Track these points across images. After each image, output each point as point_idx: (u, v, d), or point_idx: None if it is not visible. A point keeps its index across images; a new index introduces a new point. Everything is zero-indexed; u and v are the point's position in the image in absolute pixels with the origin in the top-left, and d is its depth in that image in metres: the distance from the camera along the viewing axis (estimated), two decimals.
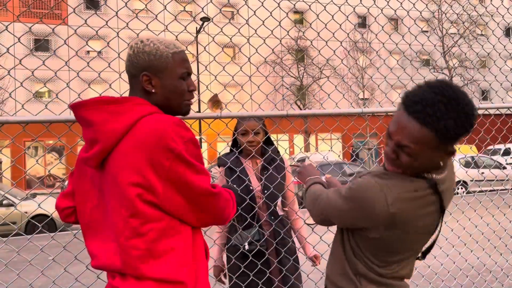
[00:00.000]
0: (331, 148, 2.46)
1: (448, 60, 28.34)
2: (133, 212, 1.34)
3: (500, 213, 9.69)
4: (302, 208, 12.22)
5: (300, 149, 2.17)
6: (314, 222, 1.61)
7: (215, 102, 2.39)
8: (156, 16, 2.50)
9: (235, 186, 1.95)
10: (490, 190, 15.14)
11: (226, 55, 29.09)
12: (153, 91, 1.50)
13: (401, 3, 3.24)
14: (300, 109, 27.56)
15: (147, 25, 2.50)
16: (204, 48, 2.74)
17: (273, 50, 2.84)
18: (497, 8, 3.28)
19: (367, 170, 1.51)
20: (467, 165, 15.43)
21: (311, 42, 2.77)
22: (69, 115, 2.31)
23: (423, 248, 1.56)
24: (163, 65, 1.49)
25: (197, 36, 9.10)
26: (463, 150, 20.45)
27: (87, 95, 27.12)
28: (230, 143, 2.94)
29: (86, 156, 1.41)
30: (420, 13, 2.90)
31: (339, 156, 2.23)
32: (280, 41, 2.72)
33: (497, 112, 27.95)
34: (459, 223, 3.90)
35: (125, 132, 1.38)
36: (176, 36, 2.28)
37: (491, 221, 8.61)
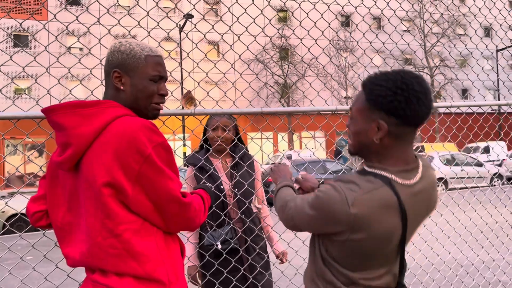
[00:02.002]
0: (306, 145, 2.47)
1: (427, 58, 28.79)
2: (107, 213, 1.35)
3: (471, 209, 9.92)
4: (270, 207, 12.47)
5: (275, 147, 2.17)
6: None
7: (188, 99, 2.36)
8: (129, 11, 2.46)
9: (209, 185, 1.94)
10: (462, 188, 15.40)
11: (211, 52, 28.89)
12: (121, 88, 1.51)
13: (375, 2, 3.26)
14: (284, 107, 27.45)
15: (118, 21, 2.46)
16: (178, 44, 2.70)
17: (247, 47, 2.82)
18: (469, 8, 3.33)
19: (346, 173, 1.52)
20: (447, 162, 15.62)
21: (286, 39, 2.77)
22: (38, 111, 2.27)
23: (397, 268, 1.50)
24: (134, 64, 1.52)
25: (180, 33, 9.09)
26: (448, 148, 20.82)
27: (57, 91, 26.56)
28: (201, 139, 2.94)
29: (59, 160, 1.41)
30: (394, 12, 2.93)
31: (313, 153, 2.24)
32: (255, 38, 2.70)
33: (469, 110, 28.56)
34: (431, 219, 3.97)
35: (96, 135, 1.38)
36: (149, 32, 2.25)
37: (462, 217, 8.80)
